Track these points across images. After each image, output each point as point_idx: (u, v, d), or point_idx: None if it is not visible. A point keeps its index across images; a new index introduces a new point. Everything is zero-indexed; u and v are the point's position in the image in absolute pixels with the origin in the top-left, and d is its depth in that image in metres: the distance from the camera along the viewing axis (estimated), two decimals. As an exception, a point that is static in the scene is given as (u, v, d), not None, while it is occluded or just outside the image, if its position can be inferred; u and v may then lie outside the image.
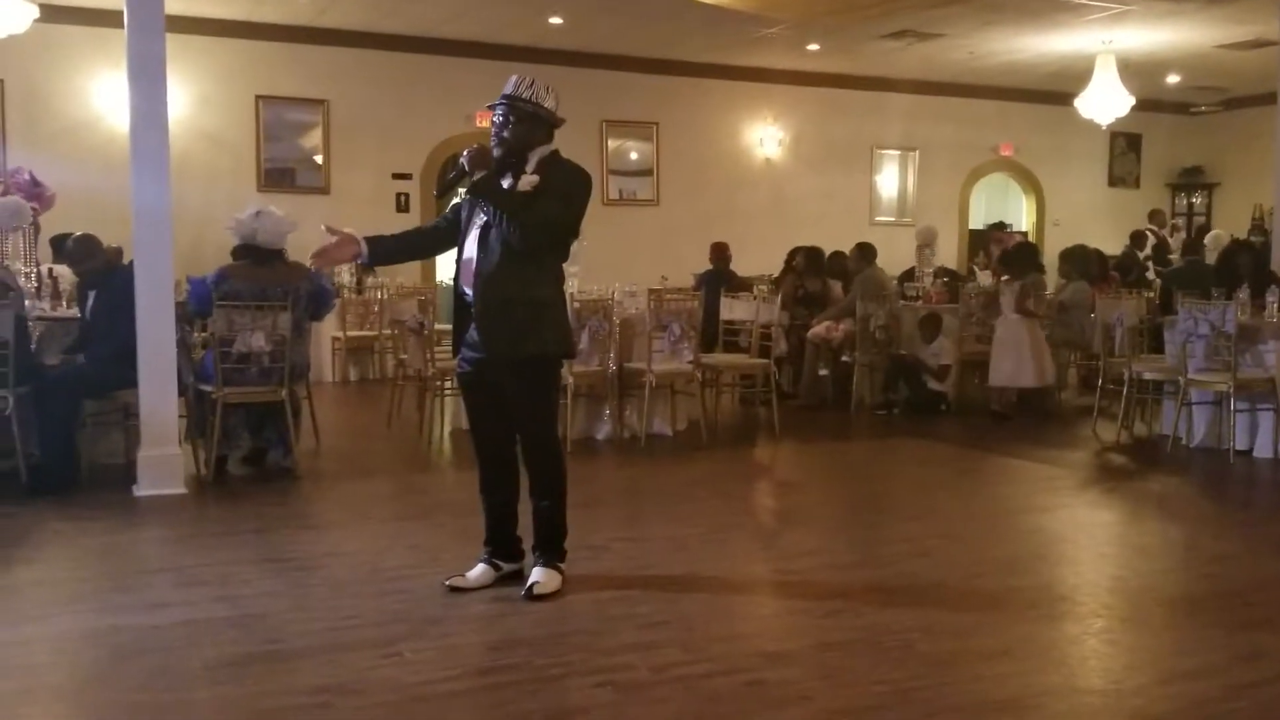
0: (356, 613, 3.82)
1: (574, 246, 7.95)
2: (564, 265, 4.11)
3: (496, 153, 3.86)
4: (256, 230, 5.92)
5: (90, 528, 5.02)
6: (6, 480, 5.63)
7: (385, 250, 4.09)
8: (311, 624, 3.70)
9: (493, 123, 3.89)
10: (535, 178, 3.81)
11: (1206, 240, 11.09)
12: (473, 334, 3.93)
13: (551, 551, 4.03)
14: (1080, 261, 9.35)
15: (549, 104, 3.90)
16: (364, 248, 3.94)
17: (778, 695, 3.16)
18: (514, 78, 3.92)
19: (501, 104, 3.86)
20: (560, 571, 4.02)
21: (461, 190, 4.01)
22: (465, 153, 3.79)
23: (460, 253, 3.94)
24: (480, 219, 3.86)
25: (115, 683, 3.23)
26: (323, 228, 3.95)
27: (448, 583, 4.02)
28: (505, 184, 3.82)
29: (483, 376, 3.97)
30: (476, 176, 3.77)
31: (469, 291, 3.90)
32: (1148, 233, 13.48)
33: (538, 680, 3.28)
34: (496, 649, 3.51)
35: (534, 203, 3.77)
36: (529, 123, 3.85)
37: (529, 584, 3.94)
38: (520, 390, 3.90)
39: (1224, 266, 8.19)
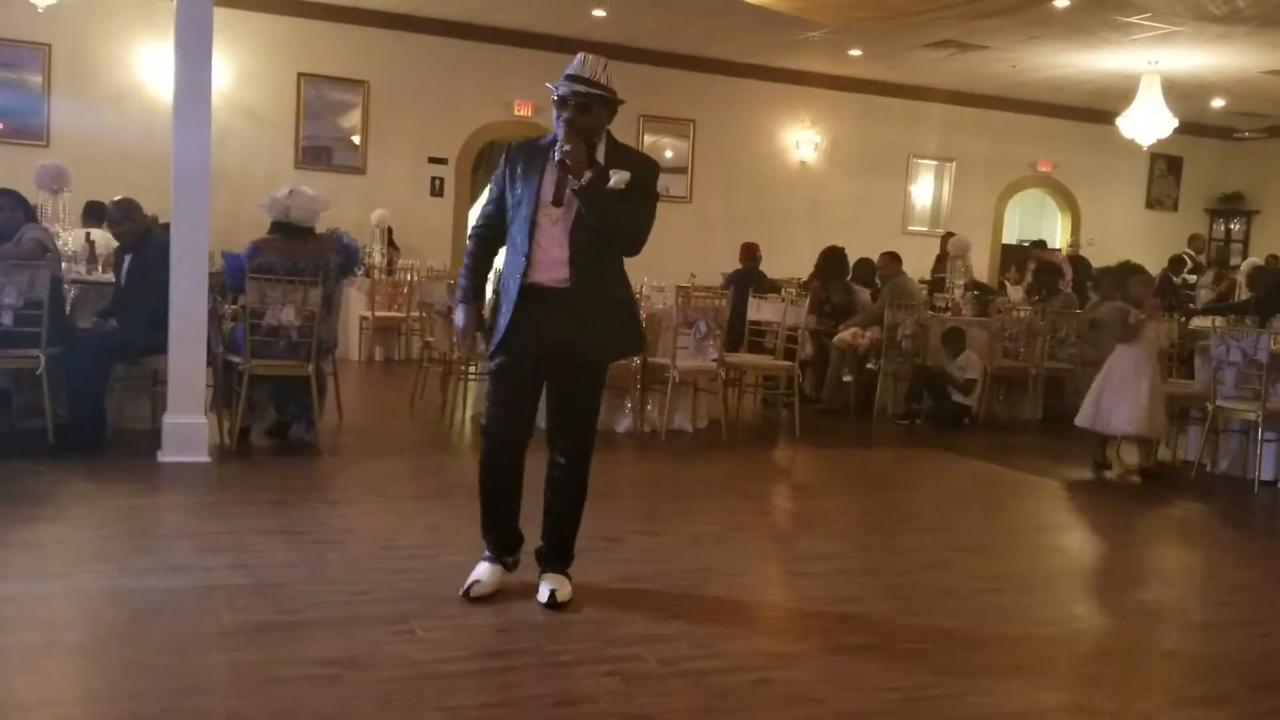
0: (370, 588, 3.84)
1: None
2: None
3: (564, 137, 3.51)
4: (289, 208, 5.94)
5: (114, 490, 5.09)
6: (34, 439, 5.71)
7: (480, 288, 3.87)
8: (326, 596, 3.73)
9: (562, 102, 3.53)
10: (626, 174, 3.51)
11: (1242, 268, 10.98)
12: (547, 329, 3.60)
13: (571, 557, 3.89)
14: (1118, 280, 9.26)
15: (615, 86, 3.62)
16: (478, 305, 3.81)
17: (785, 695, 3.16)
18: (583, 57, 3.59)
19: (578, 88, 3.51)
20: (570, 576, 3.89)
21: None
22: (561, 152, 3.48)
23: (529, 242, 3.59)
24: (553, 212, 3.56)
25: (132, 642, 3.27)
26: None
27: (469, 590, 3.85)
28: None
29: (529, 369, 3.69)
30: (585, 180, 3.47)
31: (549, 284, 3.59)
32: (1185, 257, 13.33)
33: (546, 665, 3.30)
34: (507, 631, 3.53)
35: (632, 206, 3.55)
36: (601, 108, 3.57)
37: (550, 591, 3.74)
38: (585, 390, 3.75)
39: (1269, 295, 8.12)
